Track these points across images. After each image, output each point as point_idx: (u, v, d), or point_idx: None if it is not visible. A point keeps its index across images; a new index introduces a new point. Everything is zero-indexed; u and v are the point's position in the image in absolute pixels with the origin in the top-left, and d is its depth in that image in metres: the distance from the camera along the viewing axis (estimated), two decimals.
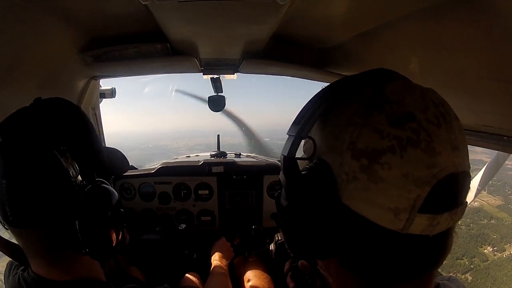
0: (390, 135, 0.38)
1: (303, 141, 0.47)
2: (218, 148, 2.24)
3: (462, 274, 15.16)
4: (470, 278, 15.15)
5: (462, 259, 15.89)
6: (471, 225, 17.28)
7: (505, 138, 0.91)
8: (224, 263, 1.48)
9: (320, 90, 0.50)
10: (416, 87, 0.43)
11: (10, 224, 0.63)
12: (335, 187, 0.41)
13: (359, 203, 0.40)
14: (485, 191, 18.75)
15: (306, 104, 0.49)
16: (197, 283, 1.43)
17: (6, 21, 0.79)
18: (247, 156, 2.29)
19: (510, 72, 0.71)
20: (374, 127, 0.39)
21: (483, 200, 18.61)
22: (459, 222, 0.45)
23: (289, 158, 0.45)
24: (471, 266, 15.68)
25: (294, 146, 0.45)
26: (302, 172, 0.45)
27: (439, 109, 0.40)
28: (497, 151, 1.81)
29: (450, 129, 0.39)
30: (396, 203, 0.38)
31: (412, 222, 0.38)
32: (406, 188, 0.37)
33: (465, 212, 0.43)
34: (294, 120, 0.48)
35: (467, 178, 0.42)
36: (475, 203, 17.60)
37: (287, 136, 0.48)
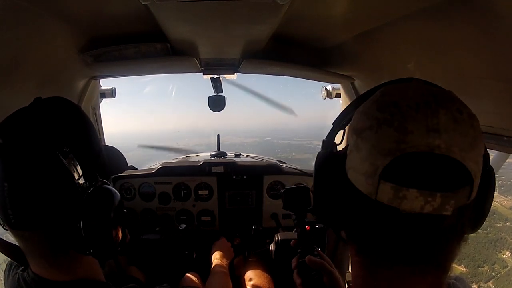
0: (373, 117, 0.46)
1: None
2: (218, 148, 2.24)
3: (485, 282, 14.97)
4: (492, 286, 14.93)
5: (484, 267, 15.64)
6: (488, 228, 16.95)
7: (505, 138, 0.91)
8: (224, 262, 1.48)
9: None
10: (423, 87, 0.47)
11: (12, 227, 0.62)
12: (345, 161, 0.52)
13: (350, 171, 0.49)
14: (496, 191, 18.52)
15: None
16: (197, 283, 1.43)
17: (6, 21, 0.79)
18: (247, 156, 2.29)
19: (510, 72, 0.71)
20: (365, 112, 0.49)
21: (496, 201, 18.08)
22: None
23: (326, 141, 0.59)
24: (492, 273, 15.45)
25: (331, 133, 0.59)
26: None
27: (426, 98, 0.44)
28: (497, 151, 1.81)
29: (431, 115, 0.42)
30: (366, 168, 0.45)
31: (378, 188, 0.44)
32: (373, 156, 0.44)
33: None
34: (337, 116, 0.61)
35: (454, 165, 0.42)
36: None
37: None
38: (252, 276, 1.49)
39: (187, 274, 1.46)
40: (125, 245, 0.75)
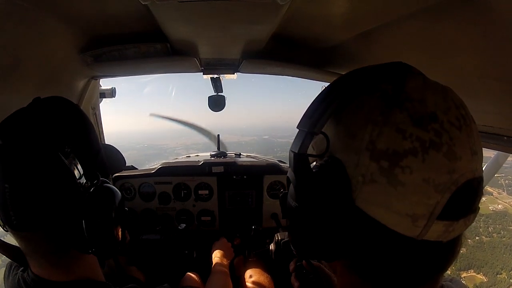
0: (412, 136, 0.36)
1: None
2: (218, 148, 2.24)
3: None
4: None
5: (501, 274, 15.22)
6: (502, 232, 16.29)
7: (505, 138, 0.91)
8: (225, 262, 1.48)
9: (335, 81, 0.46)
10: (436, 85, 0.41)
11: (14, 228, 0.62)
12: (349, 188, 0.39)
13: (374, 207, 0.38)
14: (504, 191, 17.80)
15: (319, 95, 0.44)
16: (198, 282, 1.43)
17: (7, 21, 0.78)
18: (247, 156, 2.29)
19: (510, 72, 0.71)
20: (396, 126, 0.37)
21: (505, 202, 17.65)
22: (490, 230, 0.44)
23: (301, 155, 0.41)
24: (511, 280, 15.06)
25: (306, 142, 0.41)
26: (313, 170, 0.42)
27: (460, 111, 0.39)
28: (497, 151, 1.81)
29: (470, 133, 0.38)
30: (414, 210, 0.37)
31: (429, 229, 0.37)
32: (427, 194, 0.36)
33: (494, 217, 0.42)
34: (306, 113, 0.43)
35: (482, 183, 0.40)
36: (499, 205, 16.80)
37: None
38: (252, 274, 1.49)
39: (187, 273, 1.46)
40: (125, 245, 0.76)
